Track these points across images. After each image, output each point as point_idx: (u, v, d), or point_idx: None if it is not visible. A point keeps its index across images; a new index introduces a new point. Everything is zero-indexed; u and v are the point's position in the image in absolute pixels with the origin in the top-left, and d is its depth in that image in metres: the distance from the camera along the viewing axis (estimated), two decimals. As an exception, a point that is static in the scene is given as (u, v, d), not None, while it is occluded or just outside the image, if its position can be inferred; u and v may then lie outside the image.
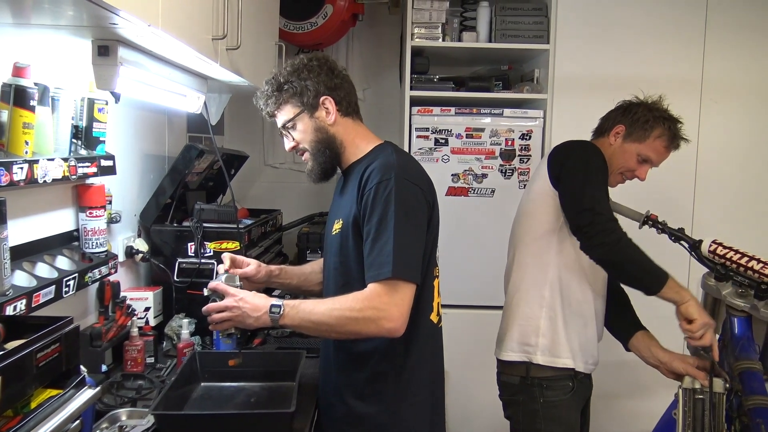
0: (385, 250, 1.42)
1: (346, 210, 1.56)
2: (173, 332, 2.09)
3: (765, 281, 1.64)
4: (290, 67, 1.59)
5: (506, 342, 1.98)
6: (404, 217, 1.45)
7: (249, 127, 3.47)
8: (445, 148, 2.89)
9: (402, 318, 1.43)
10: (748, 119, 2.92)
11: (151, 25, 1.18)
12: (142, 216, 2.21)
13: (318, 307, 1.47)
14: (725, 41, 2.87)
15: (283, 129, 1.62)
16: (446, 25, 2.93)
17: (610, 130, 1.99)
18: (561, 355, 1.91)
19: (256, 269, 1.71)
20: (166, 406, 1.49)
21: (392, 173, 1.47)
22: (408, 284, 1.45)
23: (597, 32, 2.86)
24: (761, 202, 2.94)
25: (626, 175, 2.00)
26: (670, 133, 1.96)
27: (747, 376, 1.62)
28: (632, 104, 2.01)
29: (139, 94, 1.73)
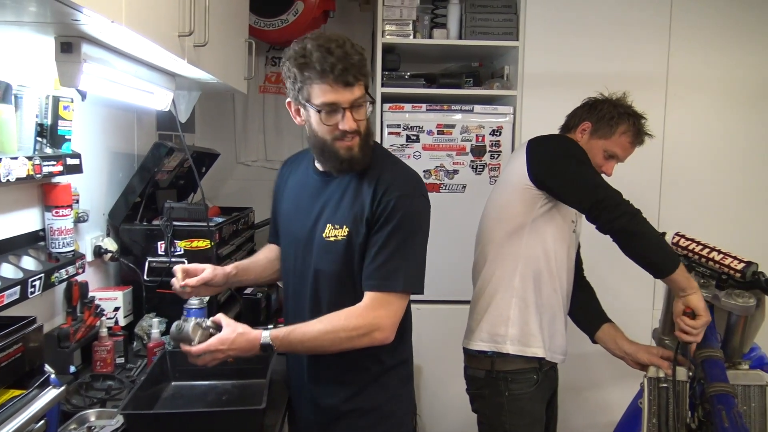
0: (393, 263, 1.48)
1: (352, 214, 1.53)
2: (143, 332, 2.08)
3: (725, 272, 1.68)
4: (360, 47, 1.47)
5: (476, 332, 2.00)
6: (417, 234, 1.52)
7: (220, 125, 3.45)
8: (416, 144, 2.90)
9: (393, 327, 1.50)
10: (712, 114, 2.98)
11: (115, 22, 1.17)
12: (111, 215, 2.19)
13: (309, 332, 1.47)
14: (689, 38, 2.93)
15: (355, 106, 1.46)
16: (417, 22, 2.94)
17: (577, 127, 2.02)
18: (531, 344, 1.94)
19: (212, 274, 1.67)
20: (135, 406, 1.48)
21: (414, 188, 1.54)
22: (406, 295, 1.52)
23: (565, 29, 2.90)
24: (725, 195, 3.01)
25: None
26: (634, 129, 1.99)
27: (709, 363, 1.66)
28: (597, 101, 2.04)
29: (105, 91, 1.70)
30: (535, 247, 1.93)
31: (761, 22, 2.95)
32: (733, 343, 1.77)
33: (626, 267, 2.92)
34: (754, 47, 2.96)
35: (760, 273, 1.65)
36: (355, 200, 1.53)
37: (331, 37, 1.44)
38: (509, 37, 2.92)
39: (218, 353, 1.47)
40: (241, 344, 1.47)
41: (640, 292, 2.99)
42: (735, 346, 1.77)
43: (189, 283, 1.62)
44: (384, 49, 2.92)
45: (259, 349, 1.48)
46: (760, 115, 2.98)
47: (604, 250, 2.88)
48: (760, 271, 1.65)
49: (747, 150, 3.00)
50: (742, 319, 1.71)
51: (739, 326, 1.73)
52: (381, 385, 1.62)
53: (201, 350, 1.46)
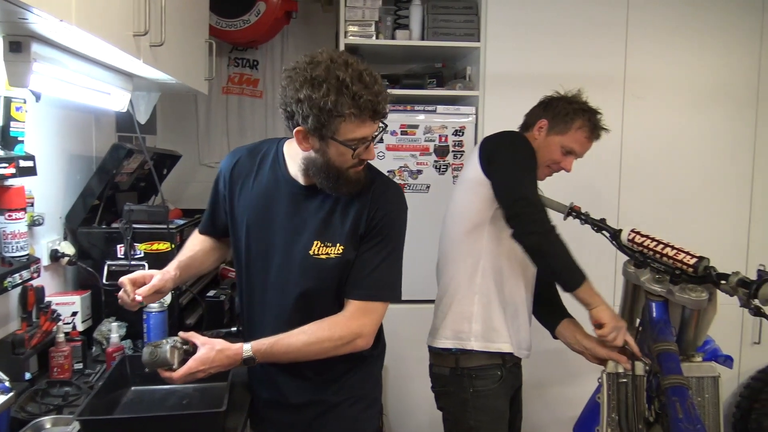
0: (382, 274, 1.52)
1: (345, 231, 1.51)
2: (102, 336, 2.04)
3: (678, 267, 1.73)
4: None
5: (440, 330, 2.02)
6: (401, 245, 1.58)
7: (183, 126, 3.41)
8: (380, 144, 2.91)
9: (373, 334, 1.54)
10: (668, 113, 3.05)
11: (64, 21, 1.15)
12: (68, 218, 2.14)
13: (293, 344, 1.46)
14: (646, 40, 2.99)
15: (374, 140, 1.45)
16: (380, 23, 2.96)
17: (534, 125, 2.05)
18: (495, 340, 1.96)
19: (162, 280, 1.58)
20: (92, 411, 1.45)
21: (402, 201, 1.59)
22: (387, 305, 1.55)
23: (525, 31, 2.94)
24: (680, 192, 3.08)
25: (553, 167, 2.06)
26: (590, 124, 2.02)
27: (664, 357, 1.70)
28: (553, 98, 2.07)
29: (59, 92, 1.67)
30: (496, 243, 1.95)
31: (714, 25, 3.03)
32: (687, 337, 1.82)
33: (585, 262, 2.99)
34: (707, 49, 3.05)
35: (711, 268, 1.69)
36: (349, 216, 1.52)
37: (356, 65, 1.35)
38: (471, 38, 2.95)
39: (200, 373, 1.44)
40: (222, 361, 1.44)
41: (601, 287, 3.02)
42: (689, 339, 1.82)
43: (141, 293, 1.53)
44: (347, 50, 2.92)
45: (241, 363, 1.46)
46: (712, 114, 3.06)
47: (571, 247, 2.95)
48: (712, 266, 1.70)
49: (701, 148, 3.07)
50: (696, 313, 1.76)
51: (692, 320, 1.78)
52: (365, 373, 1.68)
53: (183, 374, 1.42)
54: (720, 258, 1.85)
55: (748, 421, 3.09)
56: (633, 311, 1.99)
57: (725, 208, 3.11)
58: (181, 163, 2.93)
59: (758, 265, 2.99)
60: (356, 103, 1.32)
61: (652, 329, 1.79)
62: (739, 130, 3.09)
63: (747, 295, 1.56)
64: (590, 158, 2.85)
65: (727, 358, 1.99)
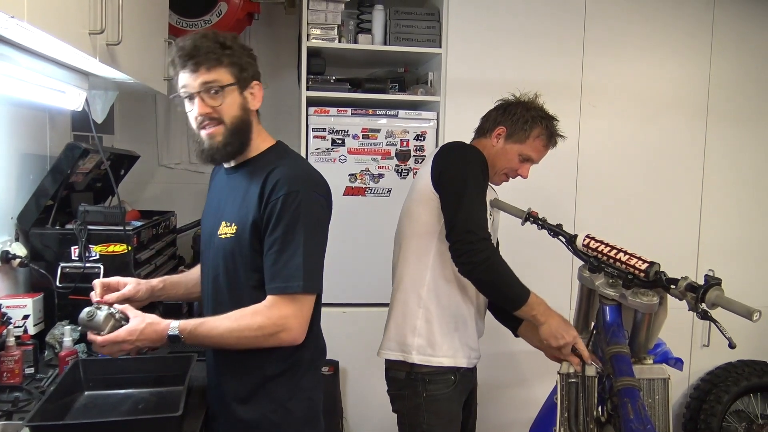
0: (292, 263, 1.44)
1: (240, 214, 1.52)
2: (55, 340, 1.99)
3: (630, 272, 1.77)
4: (232, 38, 1.50)
5: (385, 341, 2.04)
6: (312, 231, 1.47)
7: (141, 126, 3.35)
8: (341, 148, 2.91)
9: (301, 328, 1.47)
10: (623, 122, 3.14)
11: (15, 17, 1.12)
12: (20, 219, 2.09)
13: (216, 328, 1.45)
14: (602, 50, 3.07)
15: (204, 91, 1.46)
16: (342, 27, 2.96)
17: (491, 131, 2.05)
18: (437, 354, 1.97)
19: (135, 289, 1.63)
20: (43, 417, 1.41)
21: (300, 185, 1.47)
22: (310, 296, 1.48)
23: (485, 38, 2.98)
24: (633, 199, 3.16)
25: (510, 174, 2.08)
26: (548, 132, 2.04)
27: (617, 359, 1.74)
28: (510, 104, 2.07)
29: (9, 89, 1.63)
30: (444, 254, 1.93)
31: (667, 40, 3.14)
32: (639, 339, 1.87)
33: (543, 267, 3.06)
34: (660, 62, 3.15)
35: (661, 273, 1.74)
36: (244, 198, 1.52)
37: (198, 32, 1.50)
38: (432, 44, 2.98)
39: (125, 344, 1.43)
40: (149, 335, 1.44)
41: (558, 291, 3.11)
42: (641, 342, 1.87)
43: (108, 299, 1.56)
44: (309, 53, 2.92)
45: (167, 340, 1.45)
46: (665, 124, 3.16)
47: (521, 249, 3.00)
48: (662, 271, 1.74)
49: (654, 156, 3.17)
50: (647, 317, 1.81)
51: (644, 323, 1.82)
52: (267, 392, 1.56)
53: (108, 340, 1.42)
54: (671, 263, 1.91)
55: (698, 421, 3.18)
56: (588, 314, 2.04)
57: (677, 214, 3.21)
58: (140, 163, 2.88)
59: (707, 270, 3.13)
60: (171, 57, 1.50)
61: (606, 332, 1.84)
62: (690, 139, 3.19)
63: (695, 299, 1.61)
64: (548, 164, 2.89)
65: (678, 361, 2.06)
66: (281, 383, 1.56)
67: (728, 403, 3.14)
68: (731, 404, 3.17)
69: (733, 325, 1.67)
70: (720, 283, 1.61)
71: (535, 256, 3.03)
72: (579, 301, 2.05)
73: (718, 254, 3.22)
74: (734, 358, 3.24)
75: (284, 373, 1.56)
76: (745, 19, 3.16)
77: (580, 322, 2.06)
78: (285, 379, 1.56)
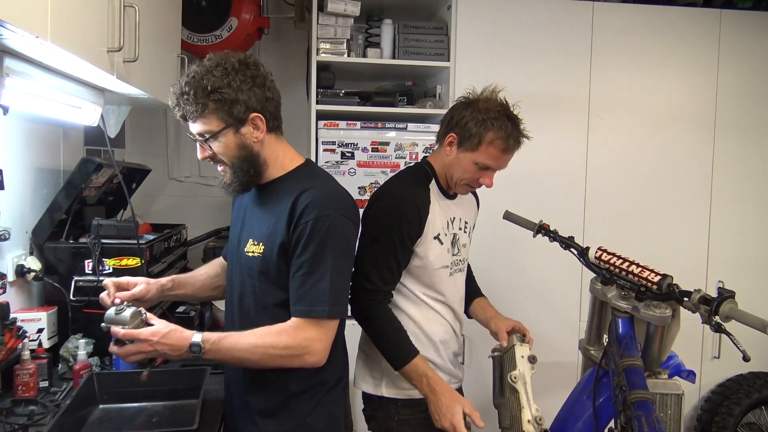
0: (319, 287, 1.43)
1: (269, 232, 1.51)
2: (69, 354, 2.00)
3: (643, 284, 1.77)
4: (219, 71, 1.42)
5: (357, 372, 1.98)
6: (340, 255, 1.46)
7: (152, 140, 3.38)
8: (351, 161, 2.93)
9: (325, 351, 1.47)
10: (632, 134, 3.14)
11: (39, 37, 1.14)
12: (35, 233, 2.11)
13: (240, 342, 1.44)
14: (610, 63, 3.09)
15: (200, 138, 1.48)
16: (351, 41, 2.99)
17: (443, 138, 1.88)
18: (405, 386, 1.86)
19: (146, 289, 1.63)
20: (59, 431, 1.43)
21: (331, 209, 1.45)
22: (335, 321, 1.48)
23: (493, 51, 3.00)
24: (643, 209, 3.16)
25: (472, 184, 1.89)
26: (503, 134, 1.78)
27: (630, 372, 1.74)
28: (461, 106, 1.87)
29: (29, 106, 1.65)
30: (399, 289, 1.88)
31: (675, 51, 3.15)
32: (651, 352, 1.86)
33: (554, 279, 3.06)
34: (668, 73, 3.16)
35: (674, 285, 1.74)
36: (272, 218, 1.51)
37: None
38: (441, 57, 3.00)
39: (146, 344, 1.41)
40: (171, 339, 1.42)
41: (567, 303, 3.10)
42: (654, 354, 1.86)
43: (122, 296, 1.56)
44: (319, 67, 2.94)
45: (188, 348, 1.42)
46: (673, 135, 3.17)
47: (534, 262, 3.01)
48: (675, 284, 1.74)
49: (662, 167, 3.17)
50: (660, 329, 1.80)
51: (657, 336, 1.82)
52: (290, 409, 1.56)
53: (130, 334, 1.40)
54: (680, 274, 1.91)
55: (709, 434, 3.18)
56: (600, 327, 2.03)
57: (685, 225, 3.21)
58: (150, 177, 2.90)
59: (717, 281, 3.12)
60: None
61: (618, 344, 1.83)
62: (698, 151, 3.20)
63: (708, 312, 1.61)
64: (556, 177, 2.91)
65: (690, 373, 2.06)
66: (304, 401, 1.56)
67: (740, 415, 3.12)
68: (743, 417, 3.15)
69: (741, 336, 1.67)
70: (734, 295, 1.61)
71: (545, 268, 3.04)
72: (591, 314, 2.05)
73: (728, 265, 3.22)
74: (745, 370, 3.23)
75: (307, 392, 1.56)
76: (752, 31, 3.17)
77: (592, 334, 2.06)
78: (308, 397, 1.56)
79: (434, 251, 1.86)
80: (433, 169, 1.93)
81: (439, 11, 3.18)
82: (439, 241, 1.88)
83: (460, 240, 1.97)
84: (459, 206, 1.99)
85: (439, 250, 1.88)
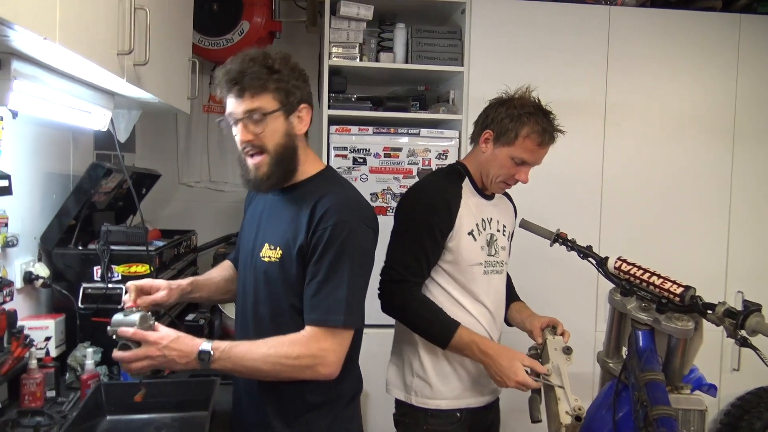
0: (334, 296, 1.39)
1: (287, 237, 1.47)
2: (77, 363, 1.97)
3: (665, 296, 1.72)
4: (278, 57, 1.44)
5: (389, 377, 1.98)
6: (358, 264, 1.43)
7: (162, 145, 3.36)
8: (363, 167, 2.89)
9: (338, 362, 1.42)
10: (649, 140, 3.09)
11: (47, 39, 1.11)
12: (43, 239, 2.08)
13: (251, 352, 1.40)
14: (626, 68, 3.04)
15: (247, 117, 1.43)
16: (364, 46, 2.96)
17: (479, 136, 1.92)
18: (435, 396, 1.87)
19: (168, 295, 1.60)
20: (65, 443, 1.40)
21: (350, 216, 1.42)
22: (350, 331, 1.44)
23: (508, 56, 2.96)
24: (660, 217, 3.10)
25: (508, 181, 1.91)
26: (539, 128, 1.83)
27: (651, 387, 1.68)
28: (494, 104, 1.92)
29: (38, 110, 1.62)
30: (434, 291, 1.88)
31: (693, 56, 3.10)
32: (673, 366, 1.80)
33: (569, 289, 3.00)
34: (686, 78, 3.10)
35: (697, 297, 1.68)
36: (291, 223, 1.48)
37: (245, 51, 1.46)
38: (454, 62, 2.96)
39: (154, 348, 1.36)
40: (180, 346, 1.37)
41: (583, 314, 3.05)
42: (675, 368, 1.80)
43: (142, 304, 1.53)
44: (331, 72, 2.91)
45: (197, 357, 1.36)
46: (691, 141, 3.11)
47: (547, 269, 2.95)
48: (698, 296, 1.69)
49: (680, 174, 3.11)
50: (682, 342, 1.75)
51: (678, 349, 1.76)
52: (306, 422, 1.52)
53: (139, 336, 1.36)
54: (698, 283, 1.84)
55: (729, 448, 3.10)
56: (619, 339, 1.97)
57: (704, 234, 3.14)
58: (160, 182, 2.88)
59: (736, 291, 3.06)
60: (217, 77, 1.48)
61: (639, 358, 1.77)
62: (716, 158, 3.14)
63: (733, 326, 1.55)
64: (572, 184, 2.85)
65: (711, 387, 1.99)
66: (320, 415, 1.52)
67: (761, 430, 3.04)
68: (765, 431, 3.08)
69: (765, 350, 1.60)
70: (760, 308, 1.55)
71: (560, 277, 2.99)
72: (609, 325, 1.99)
73: (747, 276, 3.15)
74: (766, 382, 3.15)
75: (324, 405, 1.52)
76: (772, 36, 3.11)
77: (611, 346, 2.00)
78: (325, 412, 1.52)
79: (466, 246, 1.87)
80: (467, 169, 1.96)
81: (453, 15, 3.14)
82: (473, 237, 1.88)
83: (498, 241, 1.96)
84: (497, 208, 2.00)
85: (472, 245, 1.88)
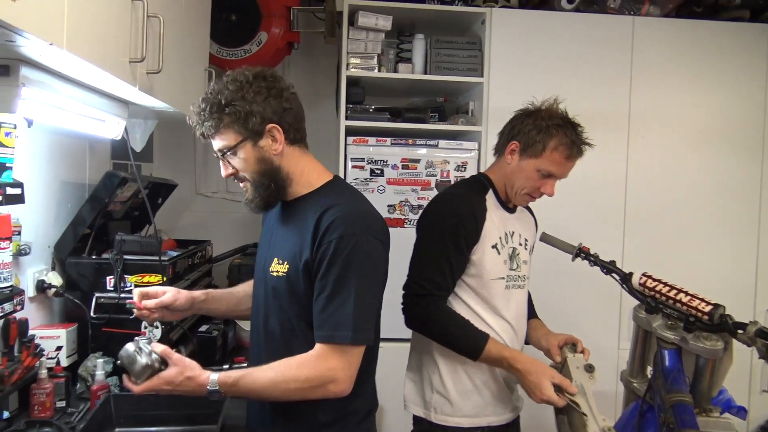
0: (342, 312, 1.35)
1: (293, 251, 1.44)
2: (88, 373, 1.94)
3: (692, 314, 1.65)
4: (233, 85, 1.40)
5: (407, 393, 1.93)
6: (366, 277, 1.39)
7: (180, 154, 3.36)
8: (380, 178, 2.86)
9: (349, 379, 1.39)
10: (674, 153, 3.02)
11: (54, 45, 1.09)
12: (57, 247, 2.07)
13: (259, 380, 1.38)
14: (650, 78, 2.98)
15: (220, 154, 1.45)
16: (382, 56, 2.93)
17: (504, 147, 1.87)
18: (455, 413, 1.82)
19: (174, 297, 1.61)
20: (71, 457, 1.37)
21: (356, 228, 1.38)
22: (360, 347, 1.40)
23: (529, 67, 2.92)
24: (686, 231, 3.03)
25: (533, 194, 1.86)
26: (567, 141, 1.78)
27: (679, 409, 1.61)
28: (522, 115, 1.88)
29: (50, 118, 1.61)
30: (459, 309, 1.81)
31: (720, 66, 3.02)
32: (701, 387, 1.73)
33: (591, 305, 2.93)
34: (712, 89, 3.03)
35: (727, 316, 1.62)
36: (298, 237, 1.44)
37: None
38: (474, 73, 2.92)
39: (161, 391, 1.40)
40: (187, 387, 1.39)
41: (605, 331, 2.97)
42: (703, 389, 1.73)
43: (147, 305, 1.55)
44: (349, 82, 2.89)
45: (207, 393, 1.38)
46: (718, 154, 3.04)
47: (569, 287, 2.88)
48: (728, 314, 1.62)
49: (707, 187, 3.04)
50: (710, 363, 1.68)
51: (707, 369, 1.70)
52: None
53: (144, 390, 1.39)
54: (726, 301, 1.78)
55: (758, 472, 2.98)
56: (644, 358, 1.91)
57: (732, 249, 3.05)
58: (177, 191, 2.87)
59: (766, 310, 2.95)
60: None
61: (665, 378, 1.71)
62: (745, 170, 3.05)
63: (766, 347, 1.48)
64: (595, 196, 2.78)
65: (741, 409, 1.91)
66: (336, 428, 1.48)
67: (792, 454, 2.93)
68: (796, 456, 2.96)
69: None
70: (793, 328, 1.48)
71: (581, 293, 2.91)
72: (634, 343, 1.93)
73: (778, 292, 3.04)
74: (797, 404, 3.04)
75: (337, 422, 1.48)
76: (803, 47, 3.03)
77: (635, 365, 1.94)
78: (338, 429, 1.48)
79: (490, 260, 1.82)
80: (491, 181, 1.91)
81: (473, 26, 3.10)
82: (497, 251, 1.83)
83: (520, 255, 1.90)
84: (519, 221, 1.95)
85: (496, 259, 1.83)
